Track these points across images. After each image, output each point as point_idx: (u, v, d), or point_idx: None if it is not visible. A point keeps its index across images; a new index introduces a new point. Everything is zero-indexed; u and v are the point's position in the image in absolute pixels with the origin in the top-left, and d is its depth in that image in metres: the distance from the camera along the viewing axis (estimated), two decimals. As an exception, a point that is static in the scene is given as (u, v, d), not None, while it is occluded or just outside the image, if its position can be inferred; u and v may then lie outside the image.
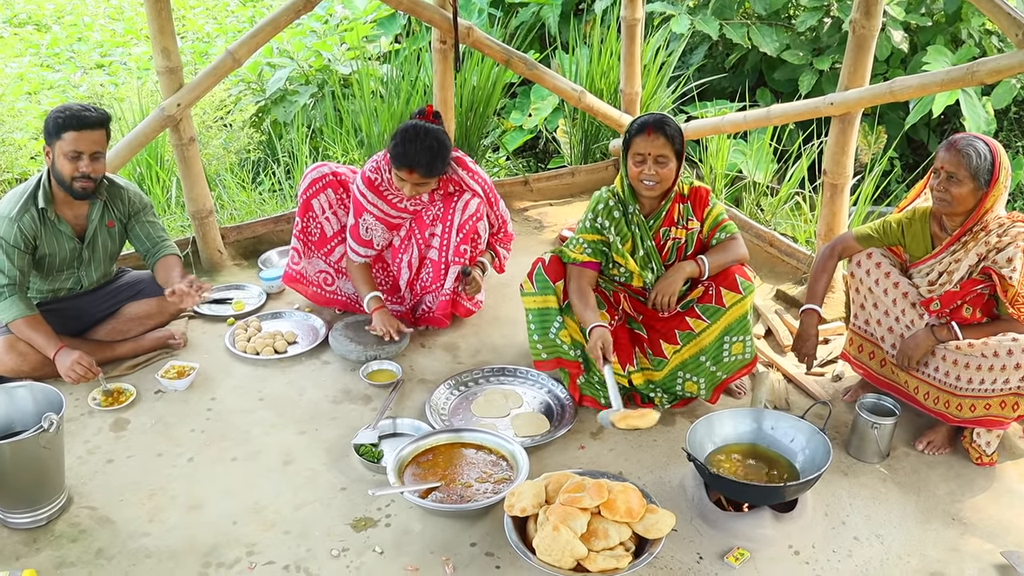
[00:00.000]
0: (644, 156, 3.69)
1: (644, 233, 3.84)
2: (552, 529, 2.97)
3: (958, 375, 3.55)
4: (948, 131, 6.88)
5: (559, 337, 3.88)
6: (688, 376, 3.91)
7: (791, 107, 5.03)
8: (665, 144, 3.66)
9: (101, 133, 3.87)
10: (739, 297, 3.75)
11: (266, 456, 3.71)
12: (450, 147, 4.17)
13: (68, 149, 3.80)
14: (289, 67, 7.28)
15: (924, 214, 3.69)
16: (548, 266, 3.90)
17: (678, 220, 3.85)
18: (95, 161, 3.86)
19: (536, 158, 7.61)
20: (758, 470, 3.43)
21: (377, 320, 4.35)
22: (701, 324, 3.81)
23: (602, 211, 3.85)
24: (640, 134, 3.69)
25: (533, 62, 5.63)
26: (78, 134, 3.80)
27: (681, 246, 3.87)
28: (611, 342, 3.66)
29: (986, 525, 3.38)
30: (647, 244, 3.84)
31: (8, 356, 3.93)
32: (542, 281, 3.88)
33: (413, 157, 4.04)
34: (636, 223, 3.84)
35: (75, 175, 3.84)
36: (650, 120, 3.70)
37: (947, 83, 4.14)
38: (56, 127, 3.80)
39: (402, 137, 4.07)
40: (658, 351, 3.91)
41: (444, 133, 4.14)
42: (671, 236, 3.85)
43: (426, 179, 4.12)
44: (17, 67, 8.65)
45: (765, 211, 6.11)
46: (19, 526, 3.28)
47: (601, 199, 3.88)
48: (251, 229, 5.45)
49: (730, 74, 7.60)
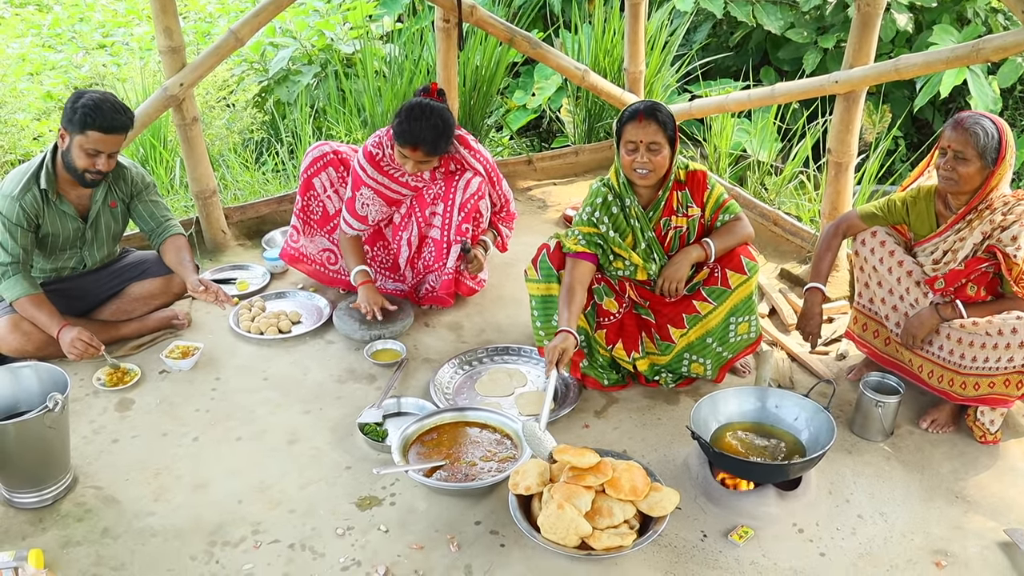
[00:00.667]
0: (636, 144, 3.64)
1: (644, 225, 3.80)
2: (557, 507, 2.97)
3: (962, 353, 3.55)
4: (953, 110, 6.85)
5: None
6: (694, 358, 3.91)
7: (795, 85, 5.01)
8: (657, 130, 3.61)
9: (124, 136, 3.89)
10: (744, 278, 3.74)
11: (271, 435, 3.72)
12: (454, 126, 4.16)
13: (90, 147, 3.79)
14: (292, 47, 7.26)
15: (929, 192, 3.68)
16: (552, 253, 3.88)
17: (677, 208, 3.80)
18: (111, 159, 3.88)
19: (540, 137, 7.60)
20: (762, 448, 3.43)
21: (362, 295, 4.34)
22: (707, 307, 3.80)
23: (600, 206, 3.81)
24: (631, 121, 3.65)
25: (537, 41, 5.60)
26: (104, 137, 3.79)
27: (683, 234, 3.83)
28: (570, 353, 3.58)
29: (989, 503, 3.38)
30: (648, 236, 3.81)
31: (12, 336, 3.94)
32: (546, 268, 3.88)
33: (418, 135, 4.03)
34: (635, 216, 3.80)
35: (89, 169, 3.84)
36: (640, 107, 3.65)
37: (952, 60, 4.12)
38: (82, 123, 3.76)
39: (407, 115, 4.05)
40: (666, 336, 3.90)
41: (448, 111, 4.13)
42: (672, 226, 3.81)
43: (429, 157, 4.12)
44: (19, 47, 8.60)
45: (769, 190, 6.10)
46: (25, 506, 3.30)
47: (599, 193, 3.83)
48: (255, 209, 5.45)
49: (734, 53, 7.56)
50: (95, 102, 3.77)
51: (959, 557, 3.13)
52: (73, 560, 3.09)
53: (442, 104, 4.14)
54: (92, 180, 3.90)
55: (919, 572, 3.07)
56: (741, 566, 3.08)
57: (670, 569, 3.06)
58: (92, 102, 3.77)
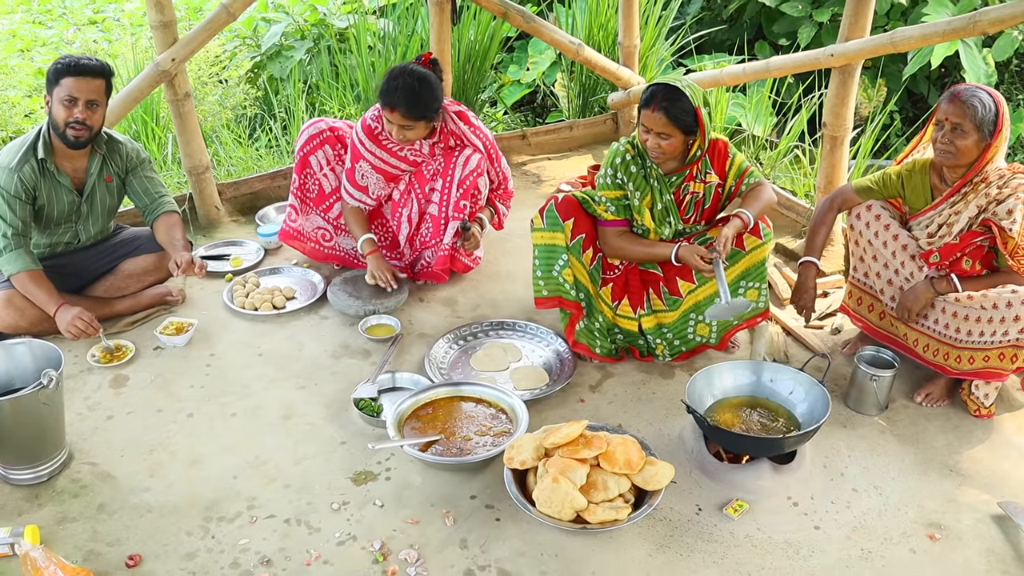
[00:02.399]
0: (648, 128, 3.61)
1: (664, 187, 3.78)
2: (552, 481, 2.98)
3: (957, 327, 3.55)
4: (948, 84, 6.83)
5: (562, 275, 3.85)
6: (700, 318, 3.91)
7: (791, 59, 4.98)
8: (666, 123, 3.55)
9: (100, 83, 3.85)
10: (760, 242, 3.73)
11: (266, 411, 3.72)
12: (437, 89, 4.12)
13: (64, 95, 3.78)
14: (284, 22, 7.22)
15: (924, 166, 3.67)
16: (560, 203, 3.84)
17: (696, 174, 3.79)
18: (91, 109, 3.84)
19: (534, 112, 7.57)
20: (757, 422, 3.44)
21: (372, 265, 4.32)
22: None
23: (620, 165, 3.77)
24: (646, 107, 3.59)
25: (531, 15, 5.58)
26: (75, 80, 3.78)
27: (699, 200, 3.82)
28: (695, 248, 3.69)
29: (983, 476, 3.39)
30: (666, 198, 3.79)
31: (6, 311, 3.93)
32: (552, 217, 3.84)
33: (394, 95, 4.03)
34: (655, 177, 3.77)
35: (68, 120, 3.81)
36: (658, 93, 3.57)
37: (949, 33, 4.09)
38: (55, 74, 3.79)
39: (387, 76, 4.08)
40: (674, 290, 3.88)
41: (433, 77, 4.11)
42: (689, 191, 3.80)
43: (408, 120, 4.09)
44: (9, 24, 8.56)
45: (764, 164, 6.09)
46: (21, 482, 3.30)
47: (618, 152, 3.79)
48: (248, 185, 5.43)
49: (728, 27, 7.54)
50: (66, 55, 3.84)
51: (953, 530, 3.15)
52: (69, 536, 3.09)
53: (427, 70, 4.11)
54: (75, 136, 3.85)
55: (913, 545, 3.09)
56: (736, 539, 3.09)
57: (665, 543, 3.07)
58: (64, 56, 3.83)
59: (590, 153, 6.31)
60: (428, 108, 4.10)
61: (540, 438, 3.18)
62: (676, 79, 3.62)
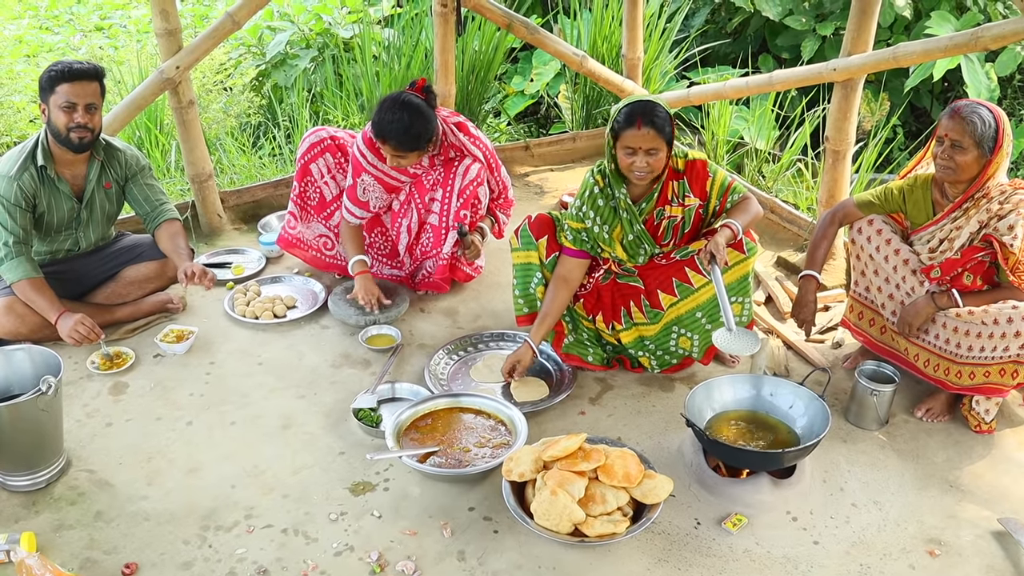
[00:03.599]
0: (635, 149, 3.56)
1: (633, 217, 3.74)
2: (550, 493, 2.97)
3: (958, 342, 3.55)
4: (951, 98, 6.84)
5: (538, 292, 3.89)
6: (683, 331, 3.90)
7: (794, 73, 4.99)
8: (655, 137, 3.51)
9: (95, 85, 3.87)
10: (742, 257, 3.72)
11: (265, 420, 3.72)
12: (430, 121, 4.10)
13: (62, 101, 3.80)
14: (289, 30, 7.23)
15: (926, 181, 3.67)
16: (533, 223, 3.91)
17: (672, 198, 3.74)
18: (90, 113, 3.86)
19: (537, 123, 7.57)
20: (757, 436, 3.43)
21: (359, 286, 4.33)
22: (700, 279, 3.77)
23: (587, 199, 3.76)
24: (629, 128, 3.53)
25: (535, 26, 5.58)
26: (71, 85, 3.79)
27: (677, 224, 3.79)
28: (525, 365, 3.85)
29: (984, 492, 3.38)
30: (636, 228, 3.76)
31: (7, 318, 3.93)
32: (526, 237, 3.91)
33: (386, 128, 4.03)
34: (624, 208, 3.74)
35: (71, 125, 3.83)
36: (638, 110, 3.53)
37: (951, 48, 4.10)
38: (49, 81, 3.80)
39: (380, 107, 4.07)
40: (656, 303, 3.87)
41: (425, 107, 4.09)
42: (666, 215, 3.76)
43: (400, 152, 4.09)
44: (16, 29, 8.59)
45: (767, 178, 6.09)
46: (18, 489, 3.29)
47: (588, 185, 3.78)
48: (251, 193, 5.44)
49: (732, 40, 7.54)
50: (56, 61, 3.85)
51: (952, 546, 3.14)
52: (66, 543, 3.09)
53: (420, 100, 4.10)
54: (79, 139, 3.87)
55: (912, 560, 3.08)
56: (734, 554, 3.08)
57: (663, 556, 3.06)
58: (54, 63, 3.84)
59: (593, 165, 6.28)
60: (420, 140, 4.09)
61: (539, 450, 3.18)
62: (640, 96, 3.67)
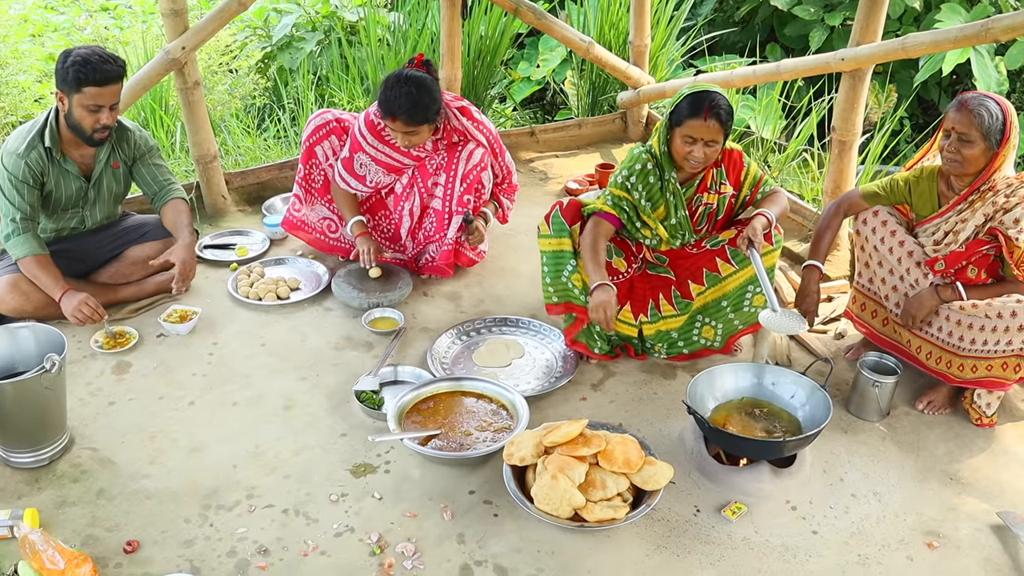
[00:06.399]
0: (695, 139, 3.57)
1: (679, 202, 3.77)
2: (551, 478, 2.98)
3: (961, 335, 3.54)
4: (959, 91, 6.81)
5: (571, 280, 3.83)
6: (707, 320, 3.91)
7: (801, 62, 4.98)
8: (719, 130, 3.54)
9: (120, 85, 3.88)
10: (770, 248, 3.73)
11: (267, 401, 3.73)
12: (435, 92, 4.11)
13: (89, 103, 3.79)
14: (296, 13, 7.22)
15: (932, 173, 3.66)
16: (565, 209, 3.85)
17: (710, 185, 3.79)
18: (113, 112, 3.88)
19: (543, 109, 7.57)
20: (758, 425, 3.43)
21: (360, 245, 4.39)
22: (729, 268, 3.80)
23: (638, 172, 3.75)
24: (694, 117, 3.53)
25: (542, 11, 5.58)
26: (100, 89, 3.78)
27: (712, 211, 3.83)
28: (614, 305, 3.59)
29: (983, 485, 3.39)
30: (680, 213, 3.79)
31: (11, 295, 3.94)
32: (558, 223, 3.83)
33: (393, 104, 4.03)
34: (671, 191, 3.76)
35: (96, 127, 3.85)
36: (707, 101, 3.53)
37: (961, 40, 4.09)
38: (76, 80, 3.76)
39: (384, 85, 4.07)
40: (686, 293, 3.88)
41: (430, 80, 4.10)
42: (703, 202, 3.81)
43: (410, 127, 4.09)
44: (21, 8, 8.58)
45: (772, 167, 6.08)
46: (21, 465, 3.31)
47: (639, 159, 3.76)
48: (255, 175, 5.43)
49: (740, 28, 7.53)
50: (83, 58, 3.76)
51: (951, 538, 3.14)
52: (68, 520, 3.10)
53: (423, 73, 4.11)
54: (100, 138, 3.91)
55: (911, 552, 3.08)
56: (733, 542, 3.09)
57: (662, 543, 3.07)
58: (81, 58, 3.76)
59: (598, 151, 6.30)
60: (428, 111, 4.09)
61: (540, 435, 3.18)
62: (704, 85, 3.62)
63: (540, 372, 3.93)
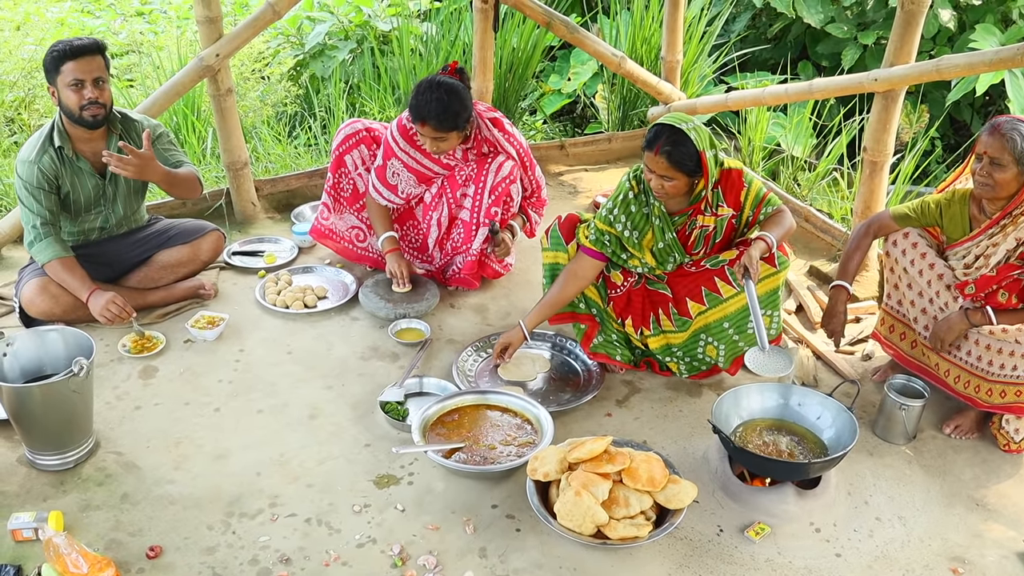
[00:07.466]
0: (652, 170, 3.55)
1: (666, 225, 3.72)
2: (574, 495, 2.97)
3: (990, 360, 3.51)
4: (992, 112, 6.77)
5: None
6: (710, 340, 3.88)
7: (833, 81, 4.96)
8: (668, 167, 3.48)
9: (99, 59, 3.88)
10: (773, 271, 3.69)
11: (292, 409, 3.74)
12: (466, 99, 4.12)
13: (69, 80, 3.81)
14: (329, 21, 7.25)
15: (963, 196, 3.63)
16: (563, 224, 3.94)
17: (705, 208, 3.70)
18: (99, 87, 3.87)
19: (573, 123, 7.56)
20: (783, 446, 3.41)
21: (390, 263, 4.39)
22: (730, 290, 3.75)
23: (620, 202, 3.74)
24: (648, 149, 3.52)
25: (574, 25, 5.58)
26: (76, 62, 3.81)
27: (709, 234, 3.76)
28: (514, 347, 3.93)
29: (1010, 512, 3.35)
30: (668, 237, 3.74)
31: (41, 298, 3.96)
32: (555, 238, 3.94)
33: (424, 109, 4.03)
34: (658, 215, 3.71)
35: (82, 103, 3.85)
36: (660, 136, 3.48)
37: (996, 63, 4.05)
38: (54, 62, 3.81)
39: (415, 90, 4.08)
40: (684, 311, 3.86)
41: (461, 87, 4.11)
42: (698, 225, 3.73)
43: (440, 132, 4.09)
44: (58, 12, 8.66)
45: (802, 186, 6.05)
46: (47, 468, 3.33)
47: (622, 188, 3.75)
48: (285, 183, 5.46)
49: (772, 45, 7.50)
50: (56, 41, 3.85)
51: (976, 565, 3.11)
52: (92, 524, 3.12)
53: (456, 81, 4.12)
54: (93, 116, 3.88)
55: (935, 578, 3.06)
56: (756, 563, 3.07)
57: (684, 562, 3.06)
58: (56, 43, 3.84)
59: (628, 166, 6.26)
60: (458, 119, 4.10)
61: (564, 451, 3.18)
62: (682, 119, 3.54)
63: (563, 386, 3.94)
